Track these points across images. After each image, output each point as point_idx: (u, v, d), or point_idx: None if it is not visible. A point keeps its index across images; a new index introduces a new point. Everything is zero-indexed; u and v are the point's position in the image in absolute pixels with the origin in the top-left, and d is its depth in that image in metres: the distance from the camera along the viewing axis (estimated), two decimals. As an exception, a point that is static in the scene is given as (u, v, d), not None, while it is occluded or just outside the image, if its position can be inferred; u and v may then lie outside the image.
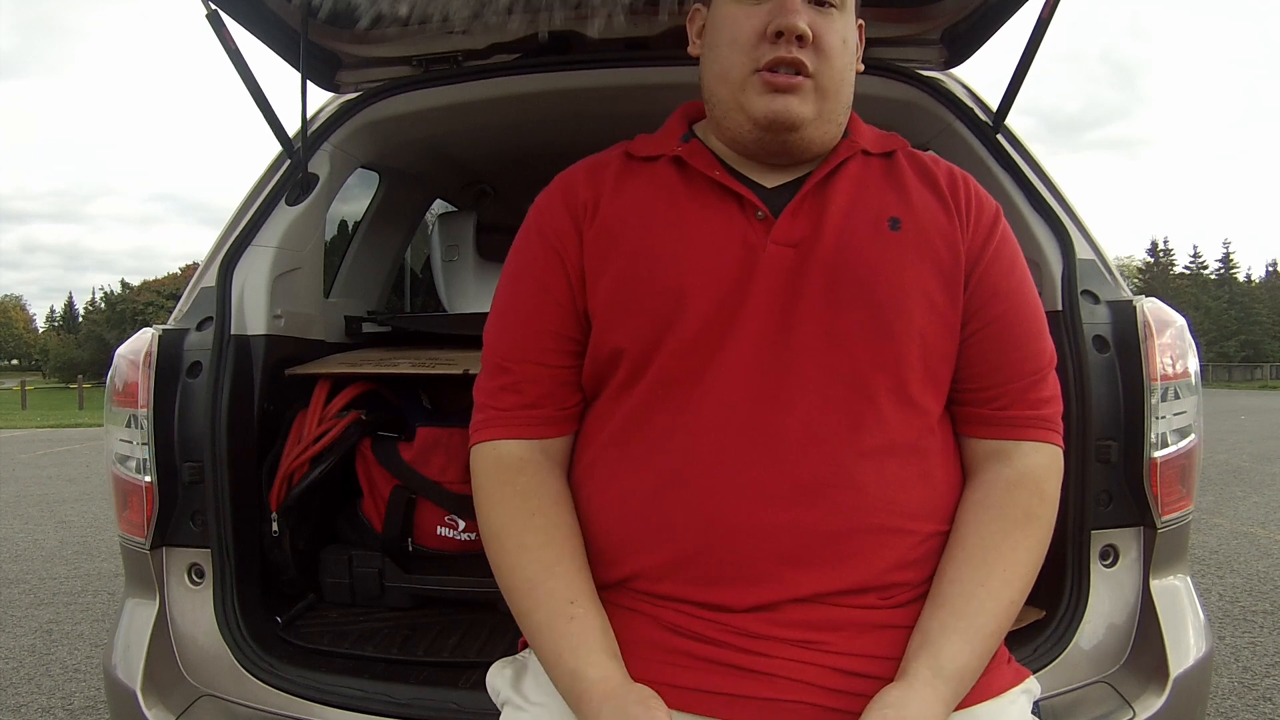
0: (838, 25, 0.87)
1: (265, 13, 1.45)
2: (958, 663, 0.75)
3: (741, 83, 0.87)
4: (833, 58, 0.87)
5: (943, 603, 0.79)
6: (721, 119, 0.91)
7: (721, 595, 0.78)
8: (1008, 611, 0.80)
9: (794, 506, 0.78)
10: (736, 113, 0.88)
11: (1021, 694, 0.82)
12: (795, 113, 0.86)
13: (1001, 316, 0.87)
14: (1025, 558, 0.82)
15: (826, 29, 0.86)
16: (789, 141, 0.88)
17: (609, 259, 0.87)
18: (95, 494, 6.33)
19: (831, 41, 0.86)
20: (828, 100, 0.88)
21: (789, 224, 0.86)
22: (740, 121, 0.88)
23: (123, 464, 1.31)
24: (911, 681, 0.73)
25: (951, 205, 0.89)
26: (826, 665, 0.76)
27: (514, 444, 0.88)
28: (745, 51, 0.86)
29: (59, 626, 3.13)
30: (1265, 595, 3.38)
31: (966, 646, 0.76)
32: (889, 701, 0.72)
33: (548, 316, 0.89)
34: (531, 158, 2.07)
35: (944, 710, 0.73)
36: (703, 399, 0.82)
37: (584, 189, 0.92)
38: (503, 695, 0.86)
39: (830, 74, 0.87)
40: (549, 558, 0.82)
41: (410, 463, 1.52)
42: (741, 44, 0.86)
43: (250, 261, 1.43)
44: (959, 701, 0.75)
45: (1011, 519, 0.82)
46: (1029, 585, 0.82)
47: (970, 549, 0.81)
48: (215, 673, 1.25)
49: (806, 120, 0.86)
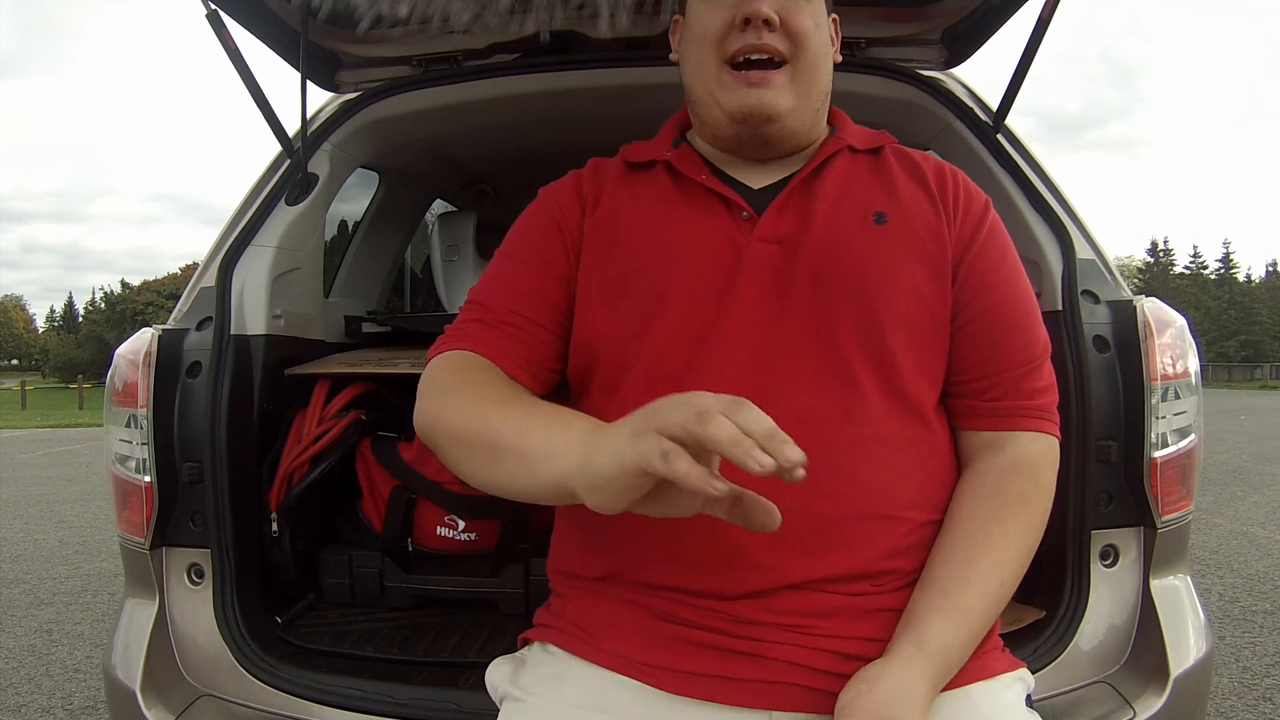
0: (806, 10, 0.88)
1: (265, 13, 1.45)
2: (942, 639, 0.75)
3: (716, 77, 0.88)
4: (805, 40, 0.87)
5: (931, 583, 0.79)
6: (702, 116, 0.92)
7: (713, 582, 0.78)
8: (998, 593, 0.79)
9: (784, 494, 0.78)
10: (713, 108, 0.89)
11: (1016, 681, 0.82)
12: (771, 104, 0.86)
13: (993, 308, 0.87)
14: (1017, 542, 0.82)
15: (795, 12, 0.87)
16: (768, 134, 0.88)
17: (601, 254, 0.88)
18: (95, 494, 6.33)
19: (802, 24, 0.87)
20: (804, 86, 0.88)
21: (774, 221, 0.87)
22: (718, 116, 0.89)
23: (122, 464, 1.31)
24: (892, 657, 0.74)
25: (938, 198, 0.89)
26: (818, 648, 0.77)
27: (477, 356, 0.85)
28: (715, 43, 0.87)
29: (59, 626, 3.13)
30: (1265, 595, 3.38)
31: (951, 623, 0.76)
32: (865, 676, 0.72)
33: (539, 279, 0.89)
34: (531, 158, 2.07)
35: (925, 683, 0.72)
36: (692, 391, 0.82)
37: (590, 182, 0.94)
38: (501, 690, 0.86)
39: (805, 57, 0.87)
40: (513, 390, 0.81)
41: (410, 463, 1.52)
42: (711, 36, 0.87)
43: (250, 261, 1.43)
44: (946, 678, 0.75)
45: (1004, 504, 0.82)
46: (1021, 569, 0.82)
47: (961, 532, 0.81)
48: (215, 673, 1.25)
49: (784, 111, 0.87)
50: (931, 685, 0.73)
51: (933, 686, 0.73)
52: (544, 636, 0.86)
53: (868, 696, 0.70)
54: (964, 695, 0.77)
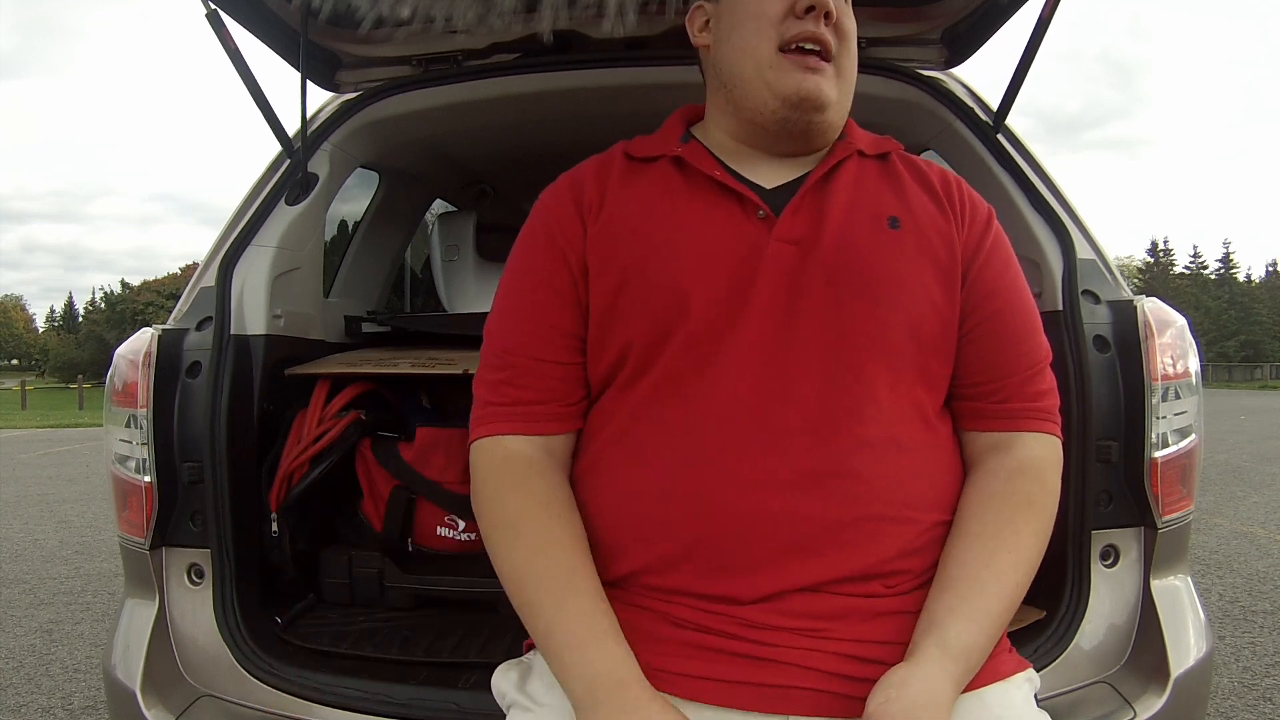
0: (849, 10, 0.90)
1: (265, 13, 1.45)
2: (964, 641, 0.75)
3: (770, 60, 0.87)
4: (850, 39, 0.90)
5: (949, 586, 0.79)
6: (742, 100, 0.90)
7: (727, 586, 0.79)
8: (1013, 594, 0.80)
9: (797, 495, 0.79)
10: (763, 90, 0.88)
11: (1025, 681, 0.82)
12: (825, 93, 0.87)
13: (998, 313, 0.89)
14: (1029, 542, 0.82)
15: (845, 12, 0.89)
16: (814, 122, 0.89)
17: (612, 256, 0.88)
18: (95, 494, 6.33)
19: (849, 24, 0.89)
20: (845, 83, 0.91)
21: (790, 222, 0.87)
22: (766, 100, 0.88)
23: (122, 464, 1.31)
24: (918, 660, 0.74)
25: (946, 205, 0.91)
26: (833, 652, 0.77)
27: (519, 440, 0.87)
28: (773, 25, 0.87)
29: (59, 626, 3.13)
30: (1265, 595, 3.38)
31: (973, 625, 0.76)
32: (893, 681, 0.72)
33: (551, 312, 0.89)
34: (531, 158, 2.07)
35: (951, 686, 0.73)
36: (708, 393, 0.82)
37: (590, 186, 0.92)
38: (509, 698, 0.85)
39: (847, 56, 0.90)
40: (575, 557, 0.81)
41: (410, 463, 1.52)
42: (770, 17, 0.87)
43: (250, 261, 1.43)
44: (967, 680, 0.76)
45: (1014, 505, 0.83)
46: (1033, 570, 0.82)
47: (974, 535, 0.82)
48: (215, 673, 1.25)
49: (832, 102, 0.88)
50: (955, 688, 0.73)
51: (956, 689, 0.74)
52: None
53: (897, 703, 0.70)
54: (977, 698, 0.77)
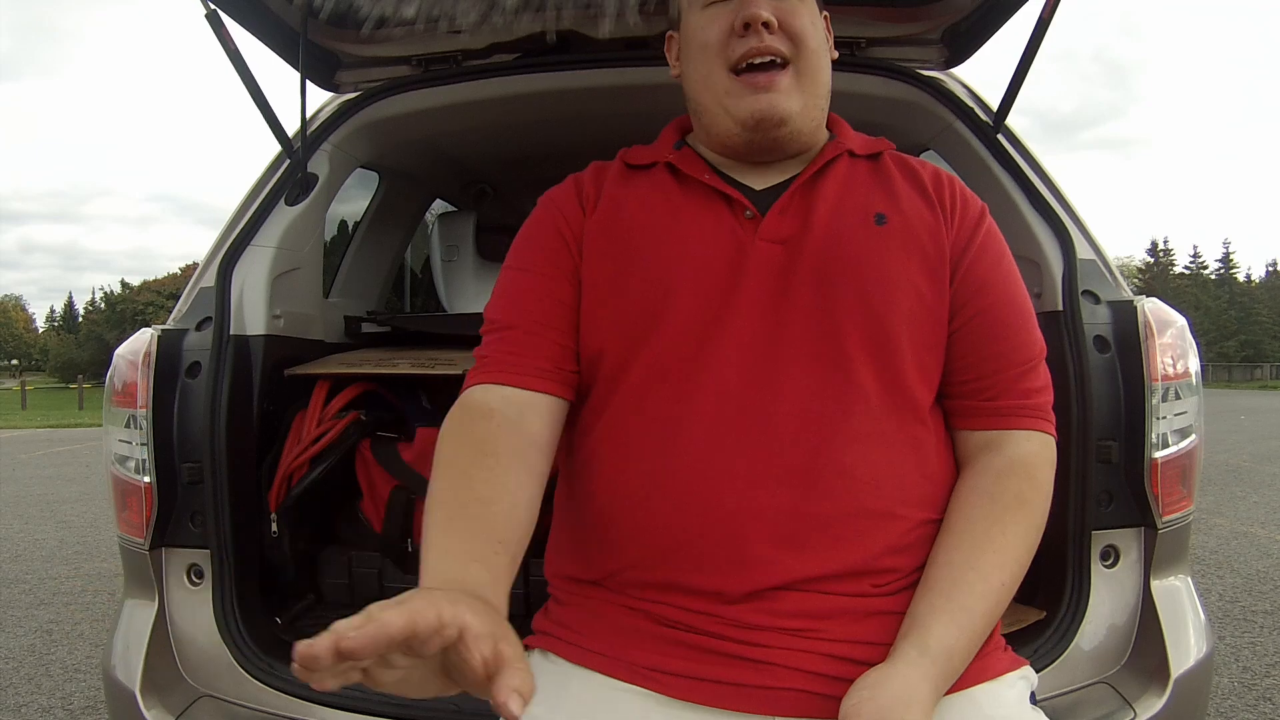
0: (801, 9, 0.90)
1: (265, 13, 1.45)
2: (945, 642, 0.75)
3: (725, 86, 0.89)
4: (805, 38, 0.89)
5: (932, 585, 0.79)
6: (710, 126, 0.93)
7: (715, 582, 0.78)
8: (999, 594, 0.79)
9: (785, 490, 0.79)
10: (723, 117, 0.90)
11: (1019, 679, 0.82)
12: (780, 108, 0.87)
13: (989, 309, 0.88)
14: (1016, 542, 0.82)
15: (790, 13, 0.88)
16: (779, 137, 0.90)
17: (604, 251, 0.89)
18: (95, 494, 6.33)
19: (800, 24, 0.89)
20: (809, 84, 0.90)
21: (777, 222, 0.88)
22: (728, 125, 0.90)
23: (122, 464, 1.31)
24: (895, 661, 0.74)
25: (936, 201, 0.91)
26: (822, 653, 0.77)
27: (483, 389, 0.86)
28: (718, 52, 0.88)
29: (59, 626, 3.13)
30: (1265, 595, 3.38)
31: (954, 626, 0.76)
32: (869, 681, 0.72)
33: (551, 283, 0.90)
34: (531, 158, 2.07)
35: (929, 687, 0.72)
36: (696, 389, 0.82)
37: (590, 184, 0.95)
38: None
39: (806, 55, 0.89)
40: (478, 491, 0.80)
41: (410, 463, 1.52)
42: (713, 45, 0.89)
43: (249, 261, 1.43)
44: (950, 681, 0.75)
45: (1002, 504, 0.82)
46: (1021, 570, 0.82)
47: (960, 533, 0.81)
48: (214, 673, 1.25)
49: (792, 113, 0.88)
50: (934, 689, 0.73)
51: (936, 690, 0.73)
52: (543, 644, 0.86)
53: (870, 703, 0.70)
54: (967, 698, 0.77)
